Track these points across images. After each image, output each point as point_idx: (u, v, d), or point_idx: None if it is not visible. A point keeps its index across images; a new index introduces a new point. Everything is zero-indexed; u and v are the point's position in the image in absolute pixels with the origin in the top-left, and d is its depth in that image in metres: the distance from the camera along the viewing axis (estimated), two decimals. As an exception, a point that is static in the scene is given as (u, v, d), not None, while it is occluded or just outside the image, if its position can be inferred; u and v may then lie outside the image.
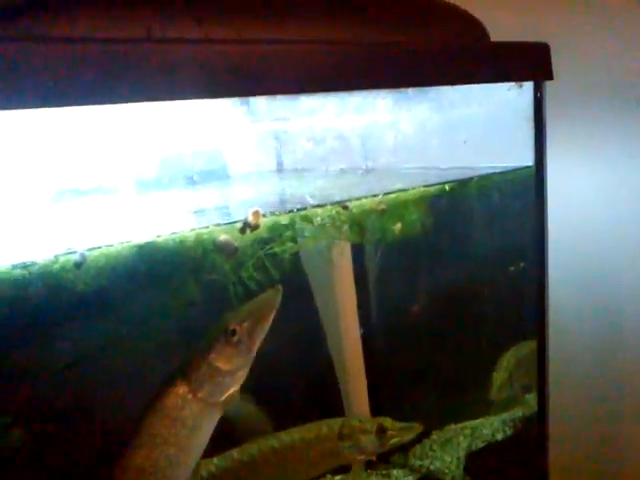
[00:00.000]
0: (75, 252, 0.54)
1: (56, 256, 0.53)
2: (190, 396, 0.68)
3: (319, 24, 0.73)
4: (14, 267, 0.51)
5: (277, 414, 0.98)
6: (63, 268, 0.52)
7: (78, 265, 0.53)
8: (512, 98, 0.89)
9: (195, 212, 0.74)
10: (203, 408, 0.69)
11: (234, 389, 0.70)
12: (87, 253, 0.54)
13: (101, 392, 0.70)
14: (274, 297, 0.67)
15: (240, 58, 0.59)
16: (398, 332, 1.09)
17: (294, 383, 1.02)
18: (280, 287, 0.67)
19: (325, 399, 1.06)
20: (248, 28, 0.64)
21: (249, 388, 0.73)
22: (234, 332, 0.67)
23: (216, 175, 0.87)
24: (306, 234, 0.73)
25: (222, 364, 0.69)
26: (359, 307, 0.95)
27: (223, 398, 0.70)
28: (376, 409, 1.11)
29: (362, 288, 0.96)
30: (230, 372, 0.69)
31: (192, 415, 0.68)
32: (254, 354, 0.70)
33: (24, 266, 0.51)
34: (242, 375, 0.70)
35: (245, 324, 0.68)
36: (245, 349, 0.69)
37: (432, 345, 1.15)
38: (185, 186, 0.77)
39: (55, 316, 0.57)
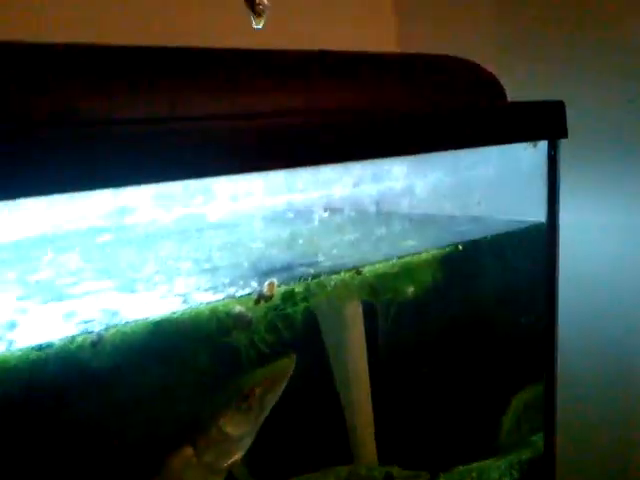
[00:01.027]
0: (92, 332, 0.54)
1: (73, 336, 0.53)
2: (195, 460, 0.68)
3: (334, 90, 0.73)
4: (33, 349, 0.51)
5: (284, 464, 0.98)
6: (80, 348, 0.53)
7: (94, 344, 0.54)
8: (527, 156, 0.89)
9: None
10: (206, 473, 0.69)
11: (238, 456, 0.70)
12: (103, 332, 0.55)
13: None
14: (288, 365, 0.67)
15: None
16: (408, 382, 1.09)
17: (306, 434, 1.02)
18: (294, 355, 0.67)
19: (334, 448, 1.06)
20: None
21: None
22: (246, 398, 0.67)
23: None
24: (319, 298, 0.73)
25: (231, 429, 0.69)
26: (370, 361, 0.95)
27: (227, 464, 0.70)
28: (385, 455, 1.11)
29: (373, 345, 0.97)
30: (238, 438, 0.69)
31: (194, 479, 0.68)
32: (262, 422, 0.70)
33: (40, 348, 0.52)
34: (248, 442, 0.70)
35: (258, 390, 0.68)
36: (255, 416, 0.69)
37: (442, 393, 1.15)
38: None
39: (72, 392, 0.57)
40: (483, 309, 1.00)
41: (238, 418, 0.68)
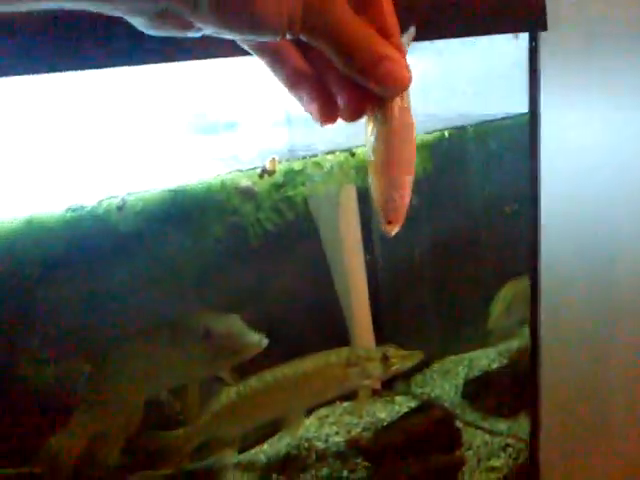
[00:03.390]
0: (117, 197, 0.61)
1: (99, 201, 0.60)
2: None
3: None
4: (67, 210, 0.59)
5: (288, 346, 1.07)
6: (107, 211, 0.60)
7: (119, 208, 0.61)
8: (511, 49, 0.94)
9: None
10: None
11: None
12: (127, 197, 0.62)
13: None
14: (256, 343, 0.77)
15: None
16: (401, 269, 1.16)
17: (304, 317, 1.11)
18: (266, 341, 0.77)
19: (333, 331, 1.15)
20: None
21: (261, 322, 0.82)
22: (208, 335, 0.77)
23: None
24: (316, 179, 0.80)
25: None
26: (364, 246, 1.02)
27: None
28: (380, 341, 1.20)
29: (367, 228, 1.04)
30: None
31: None
32: None
33: (74, 209, 0.59)
34: None
35: (218, 333, 0.78)
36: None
37: (433, 281, 1.23)
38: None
39: (100, 252, 0.65)
40: (470, 197, 1.07)
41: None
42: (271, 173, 0.72)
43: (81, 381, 0.73)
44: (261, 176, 0.71)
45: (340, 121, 0.42)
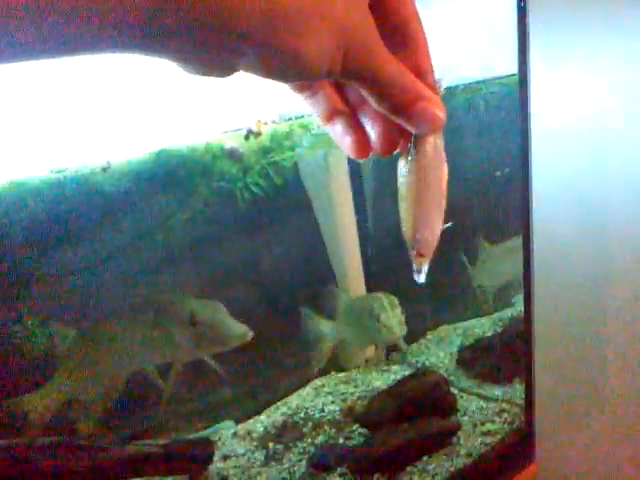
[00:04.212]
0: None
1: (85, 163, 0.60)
2: None
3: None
4: (51, 172, 0.58)
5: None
6: (92, 172, 0.60)
7: (104, 169, 0.60)
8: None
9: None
10: None
11: None
12: (112, 159, 0.61)
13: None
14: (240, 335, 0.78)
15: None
16: (395, 241, 1.16)
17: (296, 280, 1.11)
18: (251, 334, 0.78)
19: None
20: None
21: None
22: (194, 322, 0.78)
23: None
24: (304, 143, 0.79)
25: None
26: (356, 212, 1.02)
27: None
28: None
29: (358, 193, 1.03)
30: None
31: None
32: None
33: (59, 171, 0.58)
34: None
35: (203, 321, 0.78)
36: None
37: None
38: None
39: (86, 213, 0.64)
40: (462, 158, 1.06)
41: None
42: (257, 135, 0.71)
43: (63, 345, 0.73)
44: (247, 138, 0.70)
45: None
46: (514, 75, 0.97)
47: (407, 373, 1.33)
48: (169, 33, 0.29)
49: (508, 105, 0.99)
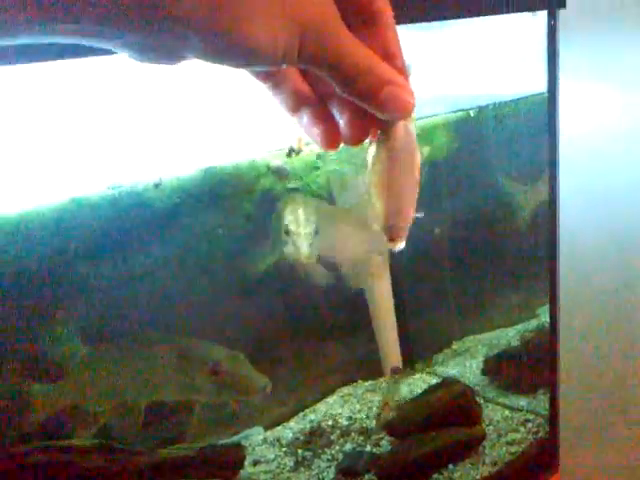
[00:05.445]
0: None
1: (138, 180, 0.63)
2: None
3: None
4: (108, 188, 0.62)
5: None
6: (145, 189, 0.63)
7: (156, 186, 0.64)
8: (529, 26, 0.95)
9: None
10: None
11: None
12: (163, 177, 0.65)
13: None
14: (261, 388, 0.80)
15: None
16: (423, 252, 1.18)
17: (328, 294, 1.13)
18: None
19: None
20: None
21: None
22: (216, 371, 0.80)
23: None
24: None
25: None
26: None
27: None
28: (403, 326, 1.23)
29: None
30: None
31: None
32: None
33: (114, 187, 0.62)
34: None
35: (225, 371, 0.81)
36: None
37: (454, 264, 1.24)
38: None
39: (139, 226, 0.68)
40: (490, 175, 1.08)
41: None
42: (298, 152, 0.74)
43: (74, 357, 0.75)
44: (289, 155, 0.73)
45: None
46: (543, 93, 0.99)
47: (434, 382, 1.35)
48: (106, 16, 0.28)
49: (537, 123, 1.01)
